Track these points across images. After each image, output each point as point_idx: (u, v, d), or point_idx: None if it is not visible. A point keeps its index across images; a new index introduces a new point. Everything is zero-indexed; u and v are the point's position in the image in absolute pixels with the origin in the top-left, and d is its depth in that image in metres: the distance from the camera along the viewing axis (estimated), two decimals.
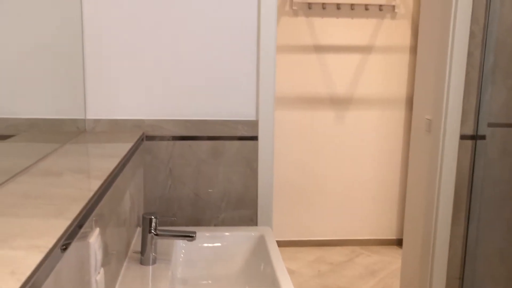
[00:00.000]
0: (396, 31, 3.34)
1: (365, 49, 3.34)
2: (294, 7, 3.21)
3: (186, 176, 1.82)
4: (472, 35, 1.92)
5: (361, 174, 3.50)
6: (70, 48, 1.59)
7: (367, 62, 3.36)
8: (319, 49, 3.30)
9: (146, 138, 1.78)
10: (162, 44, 1.74)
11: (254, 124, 1.82)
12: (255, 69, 1.80)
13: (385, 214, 3.57)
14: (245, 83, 1.80)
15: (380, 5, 3.26)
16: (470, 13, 1.90)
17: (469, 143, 1.99)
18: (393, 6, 3.28)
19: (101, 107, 1.75)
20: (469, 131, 1.99)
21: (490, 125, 2.00)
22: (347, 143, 3.45)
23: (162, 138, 1.79)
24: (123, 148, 1.40)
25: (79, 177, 1.06)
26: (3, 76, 1.10)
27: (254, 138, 1.83)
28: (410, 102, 3.40)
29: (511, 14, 1.95)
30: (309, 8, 3.23)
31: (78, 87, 1.67)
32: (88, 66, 1.71)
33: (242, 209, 1.85)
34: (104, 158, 1.29)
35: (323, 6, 3.23)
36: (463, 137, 1.98)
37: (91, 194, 0.90)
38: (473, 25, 1.92)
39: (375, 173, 3.51)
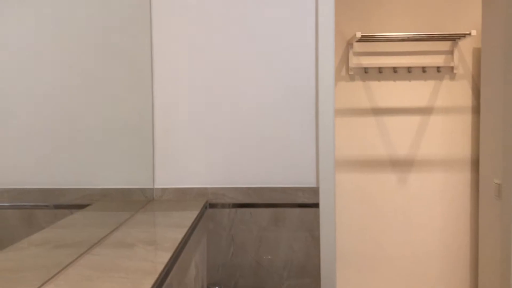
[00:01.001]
0: (456, 92, 3.30)
1: (424, 111, 3.31)
2: (351, 72, 3.27)
3: (248, 244, 1.84)
4: None
5: (427, 240, 3.35)
6: (141, 122, 1.72)
7: (428, 124, 3.32)
8: (377, 111, 3.31)
9: (209, 205, 1.84)
10: (223, 115, 1.83)
11: (314, 191, 1.83)
12: (314, 135, 1.84)
13: (454, 285, 3.35)
14: (305, 149, 1.84)
15: (438, 67, 3.26)
16: None
17: None
18: (452, 67, 3.26)
19: (168, 177, 1.84)
20: None
21: None
22: (410, 207, 3.35)
23: (224, 205, 1.84)
24: (189, 217, 1.46)
25: (149, 248, 1.11)
26: (80, 150, 1.20)
27: (315, 205, 1.83)
28: (475, 164, 3.28)
29: None
30: (366, 72, 3.28)
31: (147, 158, 1.78)
32: (157, 138, 1.83)
33: (305, 278, 1.83)
34: (172, 228, 1.34)
35: (380, 70, 3.27)
36: None
37: (162, 267, 0.94)
38: None
39: (441, 239, 3.34)
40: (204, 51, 1.84)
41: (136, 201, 1.67)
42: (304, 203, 1.83)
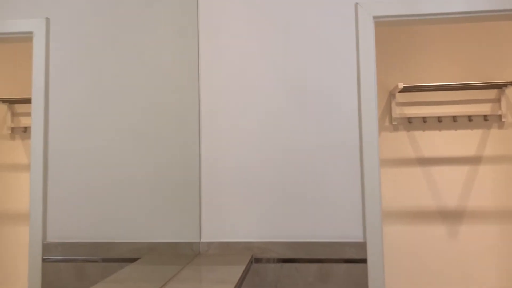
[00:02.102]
0: (505, 141, 3.20)
1: (473, 160, 3.22)
2: (394, 122, 3.26)
3: None
4: None
5: None
6: (188, 177, 1.77)
7: (477, 174, 3.21)
8: (423, 161, 3.25)
9: (255, 260, 1.83)
10: (269, 169, 1.86)
11: (361, 245, 1.80)
12: (359, 187, 1.83)
13: None
14: (350, 202, 1.82)
15: (485, 116, 3.19)
16: None
17: None
18: (500, 116, 3.19)
19: (214, 231, 1.86)
20: None
21: None
22: (463, 261, 3.19)
23: (269, 260, 1.83)
24: (236, 272, 1.46)
25: None
26: (129, 205, 1.25)
27: (363, 260, 1.79)
28: None
29: None
30: (409, 122, 3.25)
31: (194, 212, 1.81)
32: (204, 192, 1.87)
33: None
34: (219, 284, 1.34)
35: (424, 119, 3.24)
36: None
37: None
38: None
39: None
40: (250, 107, 1.90)
41: (183, 255, 1.69)
42: (352, 259, 1.79)
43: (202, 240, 1.86)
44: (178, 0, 1.70)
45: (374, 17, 1.89)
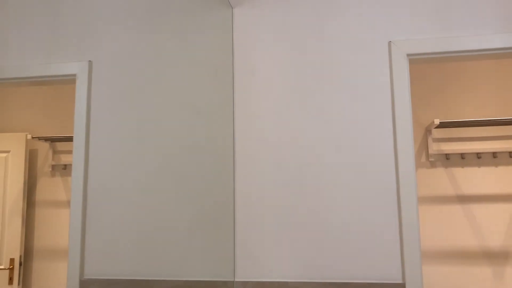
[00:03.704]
0: None
1: None
2: (431, 159, 3.18)
3: None
4: None
5: None
6: (224, 218, 1.76)
7: None
8: (463, 199, 3.13)
9: None
10: (304, 208, 1.84)
11: (401, 287, 1.73)
12: (397, 226, 1.78)
13: None
14: (388, 241, 1.77)
15: None
16: None
17: None
18: None
19: (248, 270, 1.83)
20: None
21: None
22: None
23: None
24: None
25: None
26: (166, 243, 1.25)
27: None
28: None
29: None
30: (447, 158, 3.17)
31: (229, 252, 1.80)
32: (238, 231, 1.86)
33: None
34: None
35: (462, 156, 3.15)
36: None
37: None
38: None
39: None
40: (286, 145, 1.90)
41: None
42: None
43: (236, 279, 1.83)
44: (215, 39, 1.75)
45: (408, 55, 1.89)
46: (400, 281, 1.73)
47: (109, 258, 0.93)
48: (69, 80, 0.86)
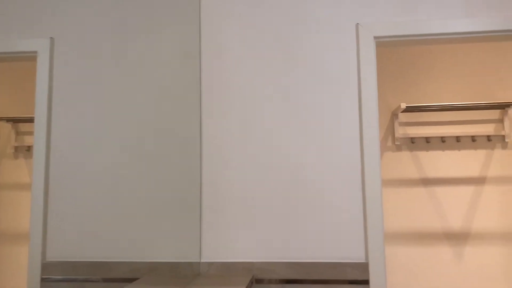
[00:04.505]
0: (509, 161, 3.18)
1: (477, 181, 3.20)
2: (397, 142, 3.25)
3: None
4: None
5: None
6: (189, 197, 1.76)
7: (482, 194, 3.19)
8: (427, 182, 3.23)
9: (256, 281, 1.81)
10: (270, 190, 1.85)
11: (364, 266, 1.78)
12: (361, 208, 1.82)
13: None
14: (352, 223, 1.81)
15: (488, 136, 3.18)
16: None
17: None
18: (503, 136, 3.18)
19: (214, 251, 1.84)
20: None
21: None
22: (468, 284, 3.14)
23: (271, 281, 1.81)
24: None
25: None
26: (129, 225, 1.24)
27: (365, 282, 1.77)
28: None
29: None
30: (412, 142, 3.25)
31: (195, 232, 1.80)
32: (204, 213, 1.86)
33: None
34: None
35: (427, 140, 3.23)
36: None
37: None
38: None
39: None
40: (251, 128, 1.90)
41: (183, 276, 1.67)
42: (354, 280, 1.77)
43: (202, 260, 1.84)
44: (182, 18, 1.72)
45: (375, 37, 1.91)
46: (363, 261, 1.78)
47: (72, 240, 0.92)
48: (30, 58, 0.83)
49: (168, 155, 1.52)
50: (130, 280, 1.23)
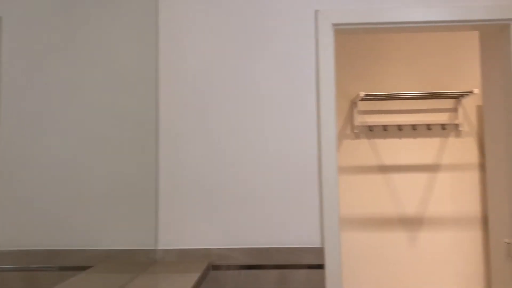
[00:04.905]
0: (462, 149, 3.30)
1: (431, 168, 3.30)
2: (356, 130, 3.30)
3: None
4: None
5: None
6: (145, 184, 1.73)
7: (436, 181, 3.29)
8: (384, 169, 3.30)
9: (213, 267, 1.81)
10: (228, 176, 1.85)
11: (319, 251, 1.80)
12: (318, 194, 1.84)
13: None
14: (309, 209, 1.83)
15: (443, 124, 3.28)
16: None
17: None
18: (457, 125, 3.28)
19: (171, 238, 1.82)
20: None
21: None
22: (421, 267, 3.25)
23: (228, 267, 1.81)
24: (190, 280, 1.43)
25: None
26: (84, 212, 1.21)
27: (321, 266, 1.80)
28: (486, 222, 3.21)
29: None
30: (370, 130, 3.31)
31: (151, 219, 1.78)
32: (161, 199, 1.84)
33: None
34: None
35: (385, 128, 3.30)
36: None
37: None
38: None
39: None
40: (209, 113, 1.88)
41: (138, 263, 1.65)
42: (310, 264, 1.80)
43: (159, 247, 1.82)
44: (137, 2, 1.67)
45: (334, 25, 1.92)
46: (318, 245, 1.81)
47: (25, 228, 0.89)
48: None
49: (124, 141, 1.48)
50: (85, 268, 1.21)
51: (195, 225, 1.83)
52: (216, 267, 1.81)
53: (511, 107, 1.92)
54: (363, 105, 3.33)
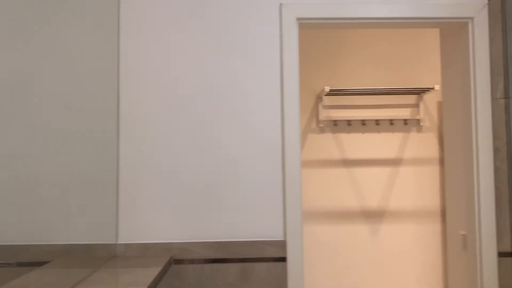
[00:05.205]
0: (423, 144, 3.38)
1: (394, 162, 3.37)
2: (321, 125, 3.34)
3: None
4: (496, 150, 1.94)
5: None
6: (105, 177, 1.70)
7: (397, 175, 3.37)
8: (348, 163, 3.36)
9: (175, 261, 1.79)
10: (190, 170, 1.83)
11: (282, 244, 1.81)
12: (281, 188, 1.85)
13: None
14: (272, 202, 1.84)
15: (405, 120, 3.36)
16: (491, 130, 1.93)
17: (509, 260, 1.90)
18: (418, 120, 3.36)
19: (132, 232, 1.80)
20: (507, 247, 1.91)
21: None
22: (383, 259, 3.33)
23: (190, 261, 1.80)
24: (150, 275, 1.42)
25: None
26: (42, 206, 1.17)
27: (283, 259, 1.81)
28: (445, 215, 3.31)
29: None
30: (335, 125, 3.35)
31: (111, 213, 1.74)
32: (121, 193, 1.80)
33: None
34: (133, 287, 1.30)
35: (349, 122, 3.35)
36: (501, 254, 1.90)
37: None
38: (496, 140, 1.94)
39: None
40: (171, 105, 1.86)
41: (98, 258, 1.62)
42: (272, 257, 1.81)
43: (119, 242, 1.79)
44: None
45: (298, 19, 1.92)
46: (281, 238, 1.82)
47: None
48: None
49: (82, 132, 1.44)
50: (42, 264, 1.18)
51: (157, 219, 1.81)
52: (178, 261, 1.79)
53: (468, 103, 1.98)
54: (328, 100, 3.37)
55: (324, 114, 3.36)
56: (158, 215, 1.81)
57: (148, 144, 1.83)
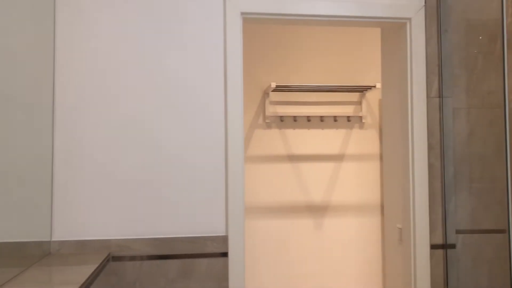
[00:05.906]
0: (365, 140, 3.49)
1: (337, 158, 3.45)
2: (267, 120, 3.36)
3: None
4: (430, 147, 2.02)
5: (343, 285, 3.40)
6: (39, 172, 1.62)
7: (340, 170, 3.45)
8: (293, 158, 3.40)
9: (113, 258, 1.74)
10: (128, 164, 1.78)
11: (223, 239, 1.81)
12: (223, 183, 1.84)
13: None
14: (214, 198, 1.83)
15: (348, 116, 3.44)
16: (425, 127, 2.02)
17: (440, 252, 1.99)
18: (361, 117, 3.46)
19: (68, 229, 1.73)
20: (439, 240, 2.00)
21: (458, 232, 2.02)
22: (326, 252, 3.41)
23: (130, 258, 1.75)
24: (84, 273, 1.37)
25: None
26: None
27: (224, 254, 1.80)
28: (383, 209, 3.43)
29: (465, 128, 2.08)
30: (281, 120, 3.38)
31: (44, 209, 1.67)
32: (56, 188, 1.73)
33: None
34: (62, 286, 1.25)
35: (294, 118, 3.39)
36: (433, 246, 1.99)
37: None
38: (430, 138, 2.03)
39: (356, 283, 3.42)
40: (112, 101, 1.80)
41: (30, 256, 1.54)
42: (213, 253, 1.80)
43: (53, 239, 1.72)
44: None
45: (242, 13, 1.91)
46: (223, 234, 1.81)
47: None
48: None
49: (14, 125, 1.37)
50: None
51: (95, 214, 1.75)
52: (117, 258, 1.75)
53: (405, 101, 2.06)
54: (275, 96, 3.39)
55: (271, 110, 3.38)
56: (96, 211, 1.75)
57: (84, 138, 1.77)
